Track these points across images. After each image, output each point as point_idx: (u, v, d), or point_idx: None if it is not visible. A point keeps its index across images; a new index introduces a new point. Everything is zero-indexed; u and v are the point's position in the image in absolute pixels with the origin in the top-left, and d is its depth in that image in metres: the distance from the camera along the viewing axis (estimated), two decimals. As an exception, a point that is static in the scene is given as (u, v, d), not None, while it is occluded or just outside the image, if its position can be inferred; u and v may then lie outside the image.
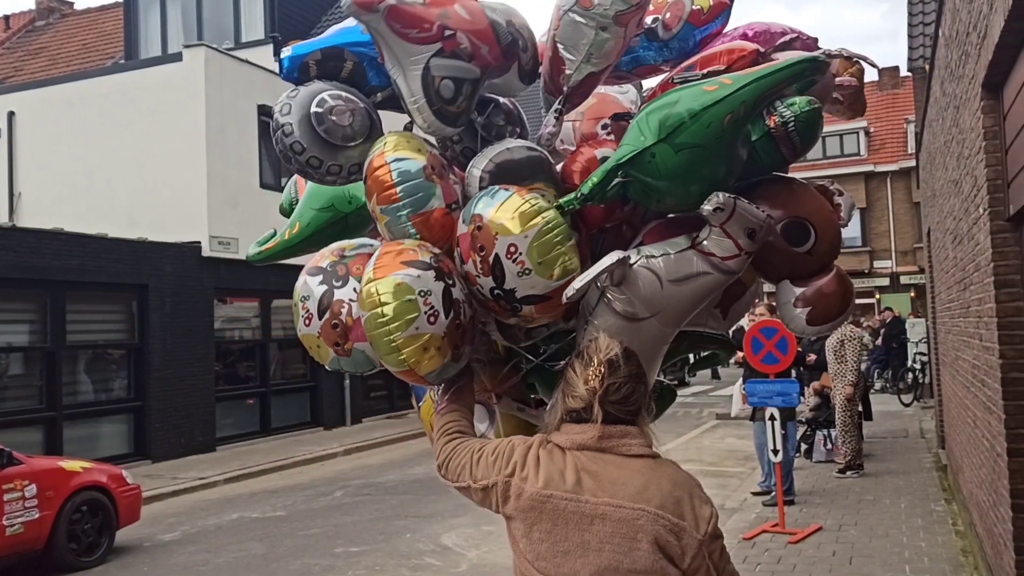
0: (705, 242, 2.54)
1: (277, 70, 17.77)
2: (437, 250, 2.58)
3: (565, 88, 2.86)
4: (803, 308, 2.79)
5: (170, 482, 12.46)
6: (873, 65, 3.09)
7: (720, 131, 2.45)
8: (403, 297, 2.41)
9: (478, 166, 2.77)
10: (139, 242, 14.67)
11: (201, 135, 15.76)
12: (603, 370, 2.22)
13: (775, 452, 8.66)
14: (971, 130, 5.39)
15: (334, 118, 2.81)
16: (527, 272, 2.46)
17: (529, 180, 2.71)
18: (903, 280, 36.38)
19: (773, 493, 9.00)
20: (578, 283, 2.43)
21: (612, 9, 2.69)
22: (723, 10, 3.11)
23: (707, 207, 2.47)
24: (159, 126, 16.15)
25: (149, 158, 16.15)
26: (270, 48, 19.86)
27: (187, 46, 16.59)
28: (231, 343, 16.94)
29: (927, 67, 11.06)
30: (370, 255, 2.61)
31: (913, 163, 26.11)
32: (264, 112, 17.14)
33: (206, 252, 15.63)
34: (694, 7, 3.06)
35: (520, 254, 2.45)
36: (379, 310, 2.42)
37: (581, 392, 2.23)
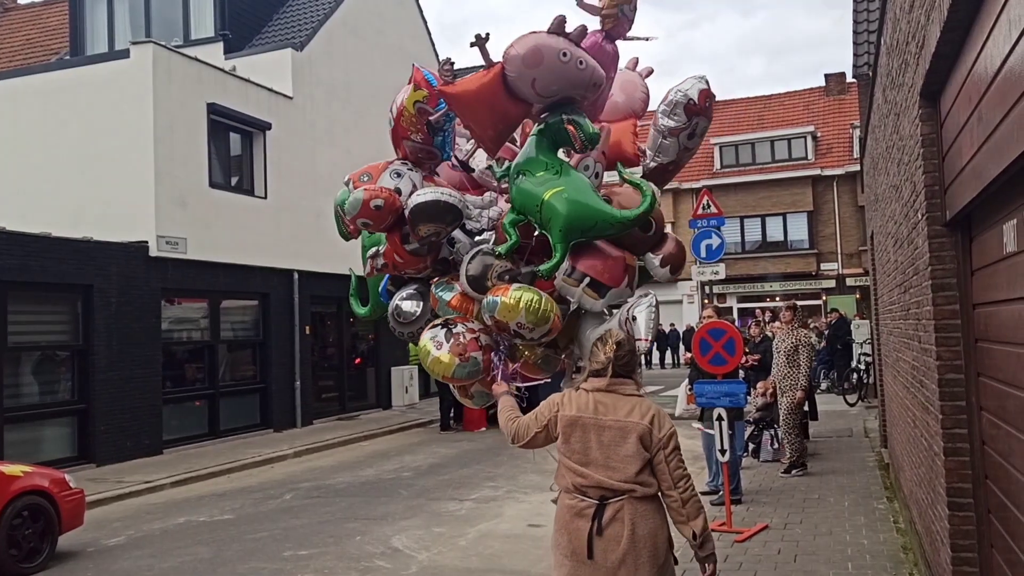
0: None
1: (228, 69, 17.55)
2: (450, 317, 4.89)
3: None
4: (664, 268, 4.85)
5: (115, 486, 12.25)
6: None
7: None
8: (425, 343, 4.82)
9: (460, 277, 4.93)
10: (84, 241, 14.39)
11: (149, 133, 15.50)
12: (615, 347, 4.04)
13: (722, 452, 8.78)
14: (910, 137, 5.53)
15: (407, 311, 5.27)
16: (533, 329, 4.52)
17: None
18: (849, 282, 37.02)
19: (720, 492, 9.12)
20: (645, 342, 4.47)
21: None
22: (437, 101, 4.89)
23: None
24: (105, 124, 15.86)
25: (95, 156, 15.86)
26: (220, 46, 19.64)
27: (135, 43, 16.27)
28: (179, 344, 16.68)
29: (871, 74, 11.29)
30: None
31: (858, 167, 26.62)
32: (213, 111, 16.93)
33: (153, 252, 15.37)
34: (429, 110, 4.93)
35: (524, 324, 4.49)
36: (421, 354, 4.86)
37: (602, 360, 4.04)
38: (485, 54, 4.59)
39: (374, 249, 5.14)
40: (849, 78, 28.89)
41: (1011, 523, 3.75)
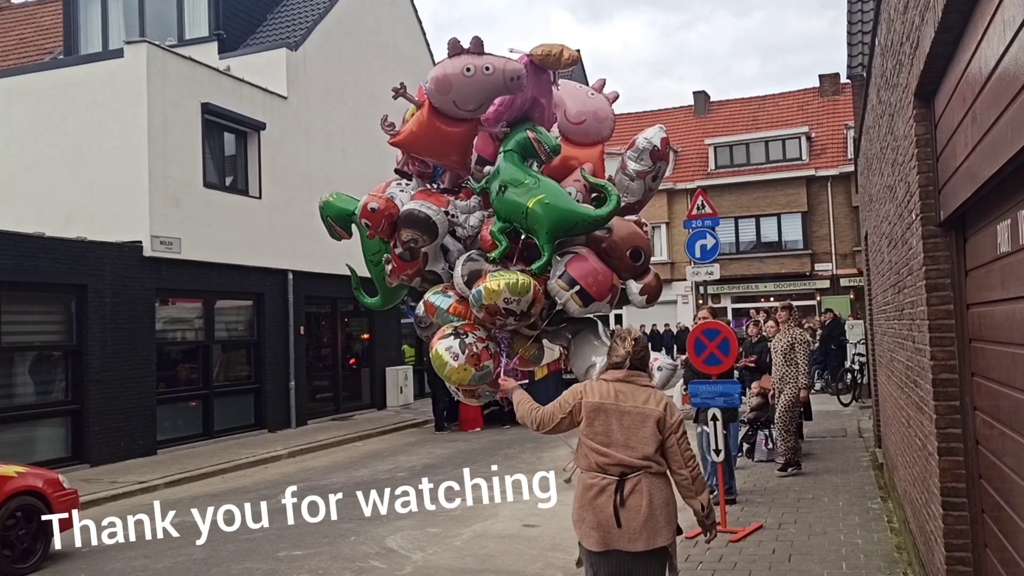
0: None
1: (223, 69, 17.47)
2: (457, 324, 5.27)
3: None
4: (643, 295, 5.47)
5: (109, 486, 12.22)
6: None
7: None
8: (441, 353, 5.16)
9: (456, 282, 5.38)
10: (78, 241, 14.36)
11: (143, 133, 15.47)
12: (632, 343, 4.60)
13: (717, 452, 8.79)
14: (904, 137, 5.54)
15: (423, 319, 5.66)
16: (519, 301, 4.98)
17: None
18: (843, 283, 37.04)
19: (715, 493, 9.12)
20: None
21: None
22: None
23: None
24: (99, 123, 15.83)
25: (88, 156, 15.82)
26: (215, 45, 19.61)
27: (128, 42, 16.23)
28: (173, 344, 16.66)
29: (865, 75, 11.30)
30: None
31: (852, 168, 26.66)
32: (208, 110, 16.90)
33: (147, 252, 15.34)
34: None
35: (511, 299, 4.95)
36: (436, 363, 5.20)
37: (621, 354, 4.59)
38: (409, 98, 5.37)
39: (385, 256, 5.69)
40: (843, 79, 28.93)
41: (1005, 523, 3.76)
